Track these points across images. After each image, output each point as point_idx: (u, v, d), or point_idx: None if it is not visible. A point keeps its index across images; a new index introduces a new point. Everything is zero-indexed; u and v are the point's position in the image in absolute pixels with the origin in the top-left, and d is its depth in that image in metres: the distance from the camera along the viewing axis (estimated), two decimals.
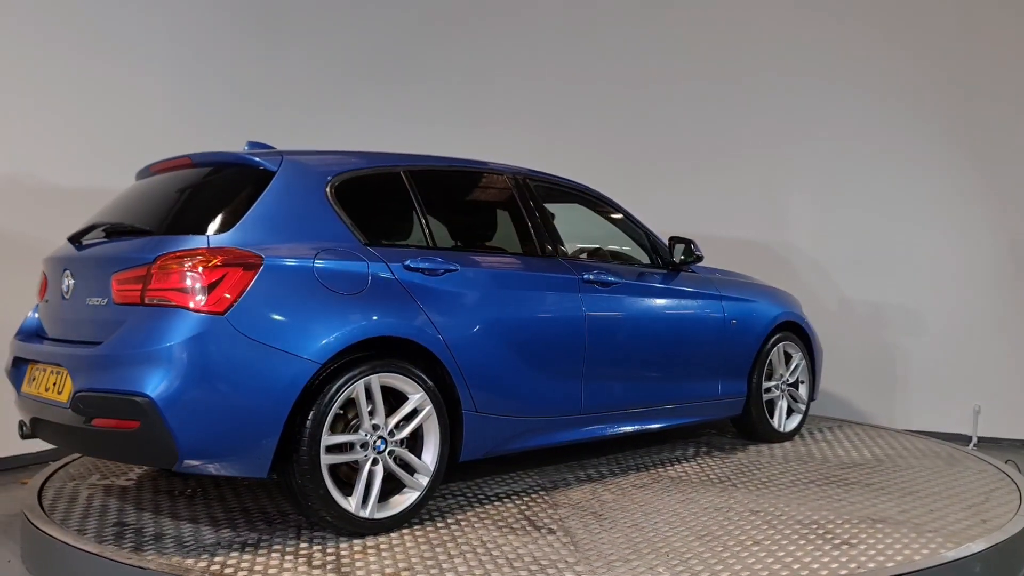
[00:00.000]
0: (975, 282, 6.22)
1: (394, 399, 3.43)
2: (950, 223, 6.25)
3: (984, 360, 6.19)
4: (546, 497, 3.90)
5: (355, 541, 3.24)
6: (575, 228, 4.80)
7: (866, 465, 4.68)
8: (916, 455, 4.98)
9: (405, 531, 3.36)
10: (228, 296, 3.06)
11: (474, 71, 6.72)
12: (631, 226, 4.76)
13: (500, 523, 3.49)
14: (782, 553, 3.15)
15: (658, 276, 4.68)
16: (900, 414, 6.41)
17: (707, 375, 4.80)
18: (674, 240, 4.70)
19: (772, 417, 5.22)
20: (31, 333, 3.74)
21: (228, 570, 2.93)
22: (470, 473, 4.24)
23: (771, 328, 5.16)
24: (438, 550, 3.15)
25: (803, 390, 5.45)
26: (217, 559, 3.04)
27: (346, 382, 3.24)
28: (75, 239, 3.55)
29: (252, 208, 3.29)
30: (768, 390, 5.20)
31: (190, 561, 3.00)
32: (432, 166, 4.00)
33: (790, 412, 5.39)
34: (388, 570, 2.95)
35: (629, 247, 4.89)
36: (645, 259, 4.78)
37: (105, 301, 3.24)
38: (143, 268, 3.11)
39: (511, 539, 3.29)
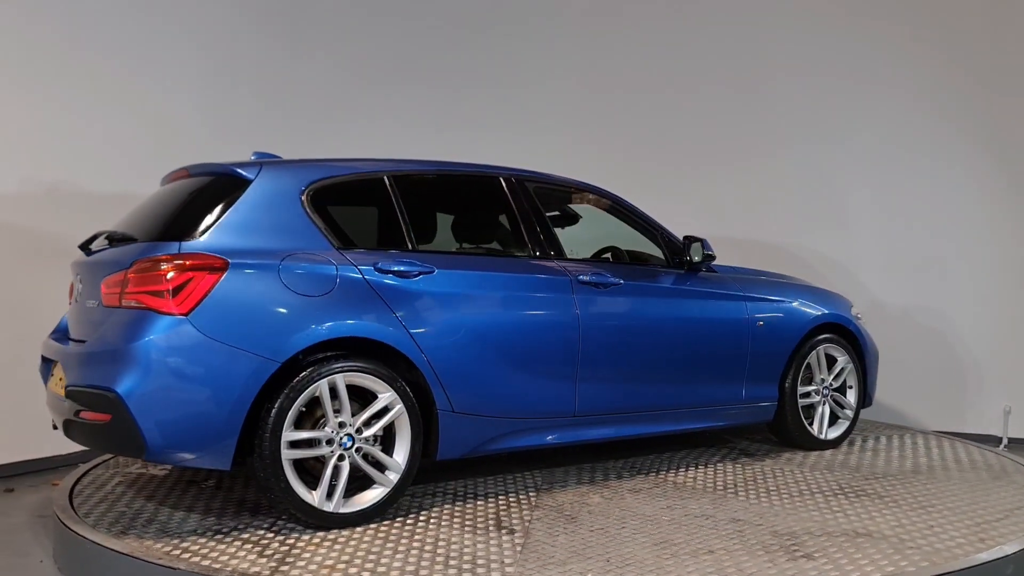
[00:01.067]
0: (1004, 282, 6.07)
1: (371, 398, 3.53)
2: (980, 223, 6.10)
3: (1014, 360, 6.02)
4: (533, 497, 3.91)
5: (318, 534, 3.37)
6: (586, 230, 4.78)
7: (897, 476, 4.39)
8: (962, 467, 4.63)
9: (370, 526, 3.46)
10: (193, 298, 3.25)
11: (496, 78, 6.77)
12: (645, 226, 4.66)
13: (466, 522, 3.54)
14: (729, 563, 3.04)
15: (671, 276, 4.56)
16: (929, 415, 6.15)
17: (727, 379, 4.64)
18: (688, 239, 4.58)
19: (812, 423, 4.98)
20: (61, 334, 4.10)
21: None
22: (472, 471, 4.31)
23: (808, 330, 4.93)
24: (388, 546, 3.23)
25: (851, 396, 5.17)
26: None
27: (308, 381, 3.37)
28: (84, 246, 3.86)
29: (226, 215, 3.48)
30: (806, 395, 4.96)
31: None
32: (419, 171, 4.08)
33: (835, 419, 5.12)
34: (328, 562, 3.05)
35: (649, 249, 4.78)
36: (662, 259, 4.68)
37: (97, 304, 3.52)
38: (122, 273, 3.37)
39: (465, 538, 3.32)
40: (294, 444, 3.38)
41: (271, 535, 3.35)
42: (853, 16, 6.29)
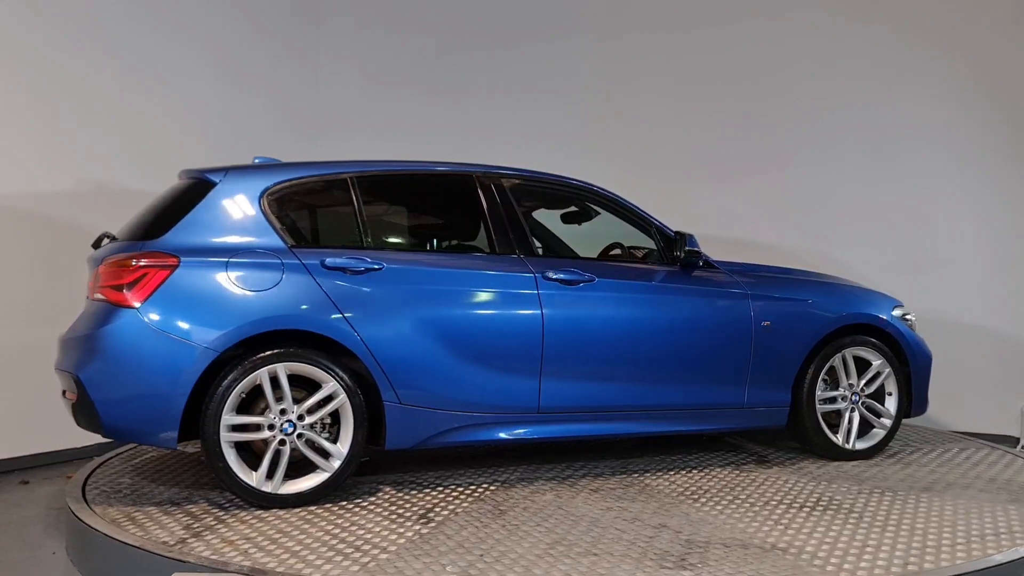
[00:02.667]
0: (1020, 281, 5.91)
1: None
2: (995, 222, 5.98)
3: None
4: (486, 491, 3.96)
5: (258, 512, 3.61)
6: (585, 226, 4.75)
7: (898, 490, 4.03)
8: (987, 487, 4.15)
9: (306, 509, 3.66)
10: (144, 292, 3.60)
11: (515, 89, 6.91)
12: (639, 222, 4.55)
13: (395, 511, 3.66)
14: (602, 567, 2.97)
15: (659, 273, 4.44)
16: (946, 416, 5.83)
17: (723, 380, 4.44)
18: (677, 235, 4.43)
19: (838, 432, 4.65)
20: None
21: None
22: (455, 462, 4.43)
23: (829, 331, 4.62)
24: (300, 525, 3.43)
25: (890, 403, 4.77)
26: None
27: (249, 369, 3.63)
28: (95, 245, 4.35)
29: (188, 215, 3.81)
30: (831, 400, 4.64)
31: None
32: (386, 171, 4.22)
33: (868, 427, 4.75)
34: (233, 538, 3.29)
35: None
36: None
37: (88, 297, 3.97)
38: (98, 268, 3.79)
39: (378, 525, 3.45)
40: (236, 428, 3.65)
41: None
42: (861, 20, 6.24)
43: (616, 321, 4.26)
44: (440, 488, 4.02)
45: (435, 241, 4.42)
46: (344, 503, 3.75)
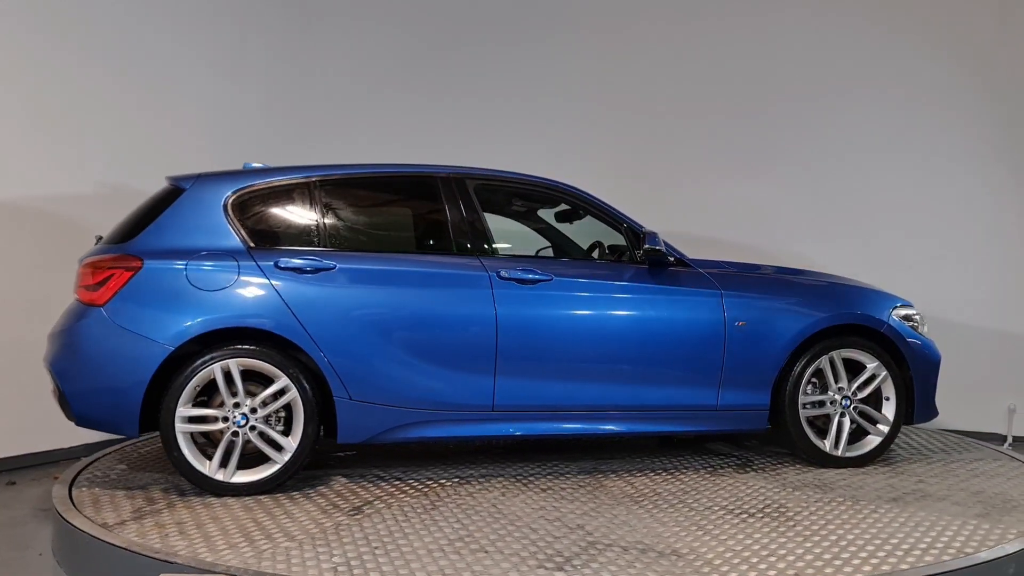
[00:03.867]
0: (1008, 281, 6.05)
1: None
2: (984, 222, 6.09)
3: (1018, 359, 6.00)
4: (432, 487, 4.04)
5: (210, 500, 3.81)
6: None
7: (860, 500, 3.83)
8: (963, 500, 3.88)
9: (254, 498, 3.85)
10: (109, 292, 3.89)
11: (508, 87, 6.91)
12: (610, 221, 4.51)
13: (328, 503, 3.78)
14: (484, 564, 3.00)
15: (624, 272, 4.38)
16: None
17: (691, 382, 4.33)
18: (641, 234, 4.36)
19: (826, 436, 4.46)
20: None
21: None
22: (420, 458, 4.55)
23: (813, 331, 4.43)
24: (235, 513, 3.62)
25: (887, 409, 4.53)
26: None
27: (203, 364, 3.86)
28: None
29: (156, 220, 4.09)
30: (819, 404, 4.45)
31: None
32: (346, 175, 4.35)
33: (862, 433, 4.52)
34: (167, 522, 3.51)
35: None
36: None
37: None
38: (78, 269, 4.12)
39: (303, 516, 3.59)
40: (192, 419, 3.88)
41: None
42: (853, 20, 6.32)
43: (573, 320, 4.25)
44: (397, 482, 4.13)
45: (394, 242, 4.53)
46: (293, 493, 3.92)
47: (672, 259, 4.44)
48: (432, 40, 6.92)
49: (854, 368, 4.53)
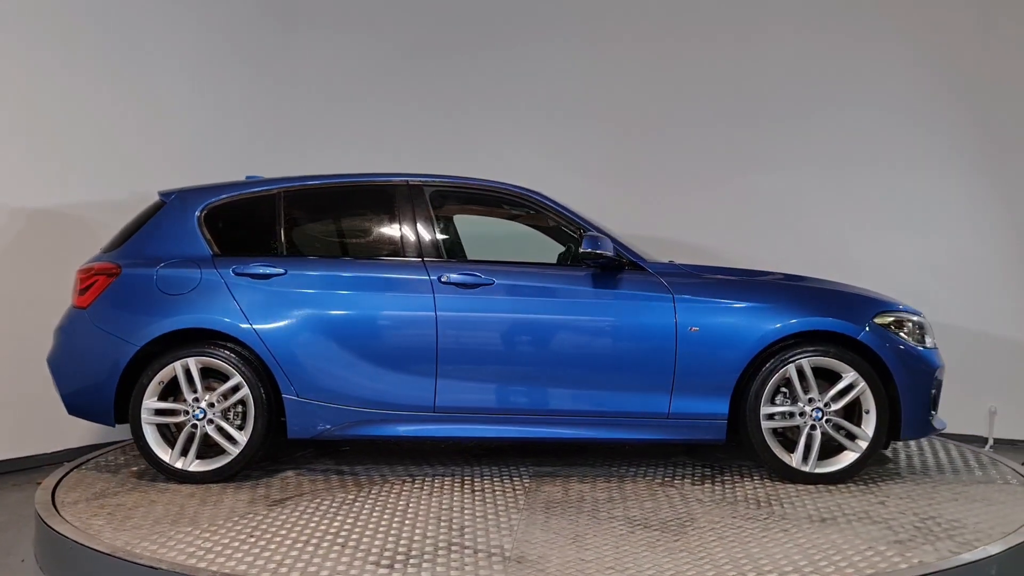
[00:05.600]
0: (988, 283, 6.11)
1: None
2: (964, 224, 6.16)
3: (999, 361, 6.06)
4: (372, 485, 4.20)
5: (172, 485, 4.18)
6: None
7: (789, 519, 3.59)
8: (900, 525, 3.54)
9: (206, 486, 4.17)
10: (91, 296, 4.37)
11: (491, 95, 6.93)
12: (568, 224, 4.47)
13: (261, 494, 4.02)
14: (319, 555, 3.13)
15: (573, 276, 4.32)
16: None
17: (640, 388, 4.21)
18: (584, 237, 4.30)
19: (795, 450, 4.21)
20: None
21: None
22: (393, 454, 4.73)
23: (776, 338, 4.19)
24: (171, 498, 3.94)
25: (868, 423, 4.21)
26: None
27: (168, 361, 4.25)
28: None
29: (139, 231, 4.53)
30: (788, 416, 4.21)
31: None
32: (311, 185, 4.59)
33: (838, 449, 4.23)
34: (105, 505, 3.86)
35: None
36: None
37: None
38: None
39: (235, 504, 3.86)
40: (158, 412, 4.27)
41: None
42: (834, 29, 6.35)
43: (513, 324, 4.27)
44: (346, 478, 4.32)
45: (347, 248, 4.72)
46: (240, 482, 4.22)
47: (626, 262, 4.33)
48: (414, 48, 7.04)
49: (835, 378, 4.23)
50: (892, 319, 4.28)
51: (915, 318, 4.37)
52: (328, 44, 7.00)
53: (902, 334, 4.27)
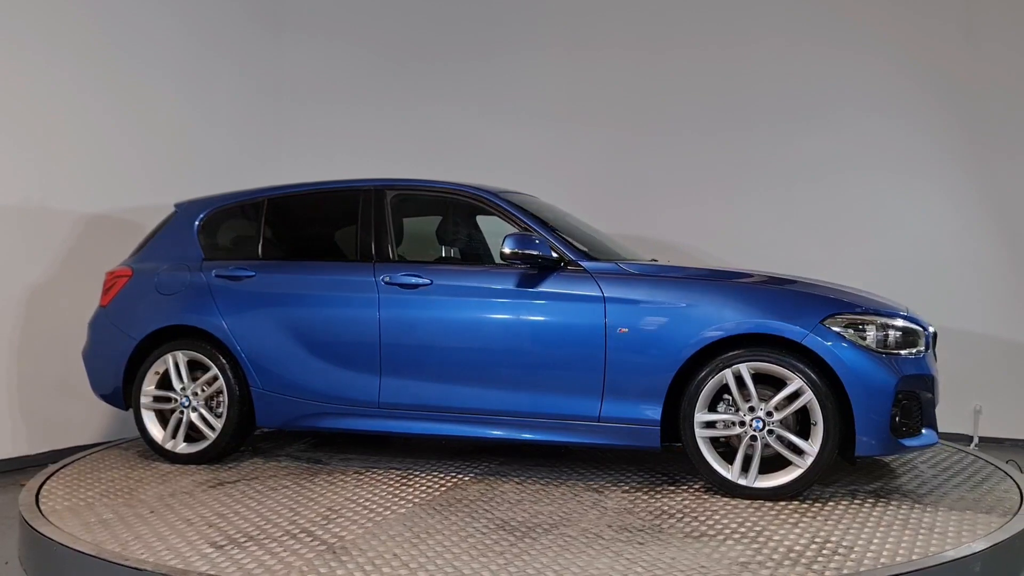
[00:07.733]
0: (975, 282, 6.17)
1: None
2: (951, 224, 6.23)
3: (985, 360, 6.12)
4: (324, 476, 4.44)
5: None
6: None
7: (693, 531, 3.39)
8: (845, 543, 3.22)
9: (184, 466, 4.64)
10: (110, 296, 5.00)
11: (479, 103, 7.04)
12: (525, 227, 4.42)
13: (212, 478, 4.37)
14: (176, 533, 3.40)
15: (507, 277, 4.29)
16: None
17: (569, 390, 4.13)
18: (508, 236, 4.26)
19: (734, 461, 3.96)
20: None
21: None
22: (362, 448, 4.96)
23: (713, 341, 3.96)
24: (140, 477, 4.40)
25: (815, 436, 3.86)
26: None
27: (160, 354, 4.78)
28: None
29: (152, 239, 5.11)
30: (725, 425, 3.97)
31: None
32: (291, 193, 4.93)
33: (781, 463, 3.92)
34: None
35: None
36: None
37: None
38: None
39: (182, 483, 4.27)
40: (156, 399, 4.81)
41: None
42: (821, 40, 6.46)
43: (449, 323, 4.34)
44: (294, 464, 4.63)
45: (313, 251, 4.99)
46: (216, 466, 4.63)
47: (567, 261, 4.25)
48: (403, 54, 7.14)
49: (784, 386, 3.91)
50: (847, 322, 3.86)
51: (882, 320, 3.92)
52: (315, 52, 7.32)
53: (859, 339, 3.84)
